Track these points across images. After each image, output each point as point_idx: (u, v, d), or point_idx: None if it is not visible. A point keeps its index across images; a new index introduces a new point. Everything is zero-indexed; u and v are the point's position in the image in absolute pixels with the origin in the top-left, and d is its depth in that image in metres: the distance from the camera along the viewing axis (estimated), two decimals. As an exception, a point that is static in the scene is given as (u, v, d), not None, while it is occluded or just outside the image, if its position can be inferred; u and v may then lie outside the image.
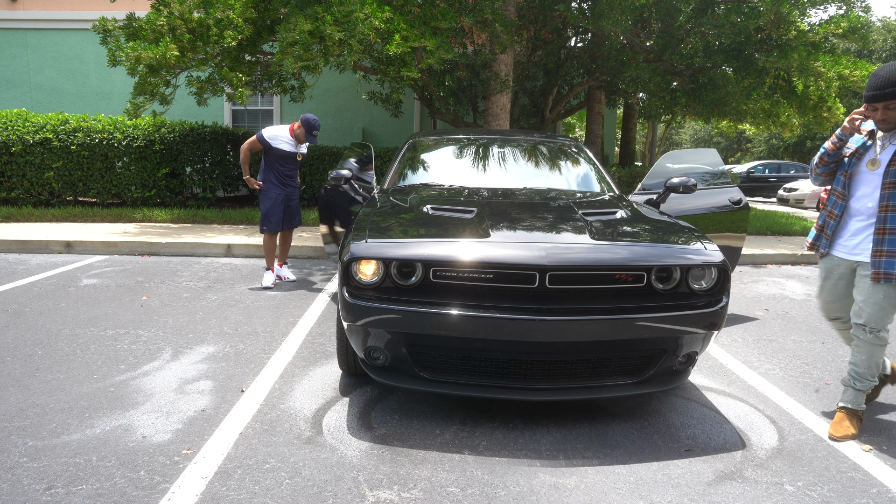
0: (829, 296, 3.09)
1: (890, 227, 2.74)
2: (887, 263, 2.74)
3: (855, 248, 2.89)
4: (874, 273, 2.76)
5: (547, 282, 2.71)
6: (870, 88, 2.70)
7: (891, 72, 2.66)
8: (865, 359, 2.88)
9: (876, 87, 2.67)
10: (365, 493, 2.32)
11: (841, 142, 2.91)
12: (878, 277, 2.75)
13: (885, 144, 2.79)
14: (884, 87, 2.66)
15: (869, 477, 2.56)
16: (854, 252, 2.90)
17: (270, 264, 5.75)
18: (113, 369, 3.52)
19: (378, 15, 7.04)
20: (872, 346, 2.86)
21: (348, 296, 2.81)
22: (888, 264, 2.74)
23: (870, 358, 2.88)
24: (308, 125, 5.41)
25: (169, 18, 7.80)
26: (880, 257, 2.76)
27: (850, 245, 2.92)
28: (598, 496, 2.35)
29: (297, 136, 5.54)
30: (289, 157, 5.57)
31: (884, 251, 2.75)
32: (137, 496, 2.26)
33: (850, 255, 2.92)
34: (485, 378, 2.86)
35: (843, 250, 2.96)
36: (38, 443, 2.63)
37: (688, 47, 9.94)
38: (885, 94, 2.66)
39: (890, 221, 2.74)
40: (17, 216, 8.81)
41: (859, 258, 2.87)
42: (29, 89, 12.89)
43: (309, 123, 5.41)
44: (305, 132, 5.45)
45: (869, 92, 2.71)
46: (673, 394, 3.38)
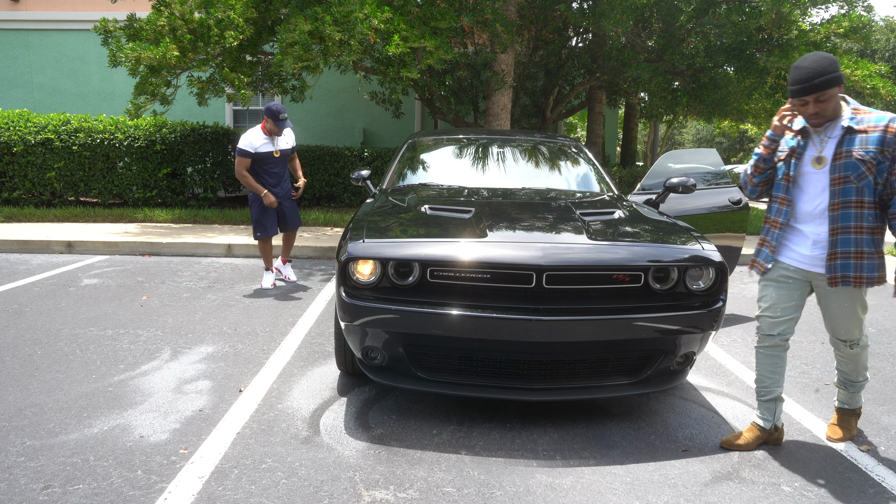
0: (778, 309, 2.68)
1: (842, 227, 2.51)
2: (843, 266, 2.52)
3: (815, 261, 2.59)
4: (830, 278, 2.53)
5: (544, 282, 2.71)
6: (796, 82, 2.44)
7: (816, 61, 2.42)
8: (853, 367, 2.77)
9: (803, 79, 2.42)
10: (361, 493, 2.32)
11: (773, 143, 2.66)
12: (836, 281, 2.52)
13: (825, 140, 2.55)
14: (811, 77, 2.40)
15: (867, 477, 2.55)
16: (814, 264, 2.59)
17: (269, 264, 5.66)
18: (112, 369, 3.52)
19: (377, 15, 7.04)
20: (857, 354, 2.72)
21: (345, 296, 2.81)
22: (843, 266, 2.52)
23: (857, 364, 2.76)
24: (270, 112, 5.10)
25: (170, 19, 7.81)
26: (835, 260, 2.53)
27: (805, 255, 2.61)
28: (594, 496, 2.35)
29: (271, 131, 5.25)
30: (266, 157, 5.28)
31: (838, 253, 2.52)
32: (134, 496, 2.27)
33: (809, 265, 2.61)
34: (482, 378, 2.86)
35: (796, 259, 2.64)
36: (35, 442, 2.64)
37: (689, 47, 9.92)
38: (814, 86, 2.40)
39: (842, 220, 2.51)
40: (18, 216, 8.84)
41: (818, 270, 2.59)
42: (31, 90, 12.91)
43: (270, 110, 5.09)
44: (273, 122, 5.15)
45: (796, 86, 2.45)
46: (671, 394, 3.38)
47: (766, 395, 2.77)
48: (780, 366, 2.74)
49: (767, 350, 2.74)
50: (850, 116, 2.50)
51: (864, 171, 2.45)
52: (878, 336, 4.61)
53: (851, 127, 2.48)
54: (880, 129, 2.44)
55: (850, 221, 2.50)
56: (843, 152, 2.48)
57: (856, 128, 2.47)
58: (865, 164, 2.44)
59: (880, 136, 2.44)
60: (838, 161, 2.48)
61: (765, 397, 2.77)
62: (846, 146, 2.48)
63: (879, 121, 2.46)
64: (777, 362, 2.73)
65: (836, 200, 2.50)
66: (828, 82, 2.40)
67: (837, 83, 2.42)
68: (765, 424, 2.78)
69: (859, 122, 2.48)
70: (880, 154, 2.44)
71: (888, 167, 2.46)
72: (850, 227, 2.51)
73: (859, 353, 2.72)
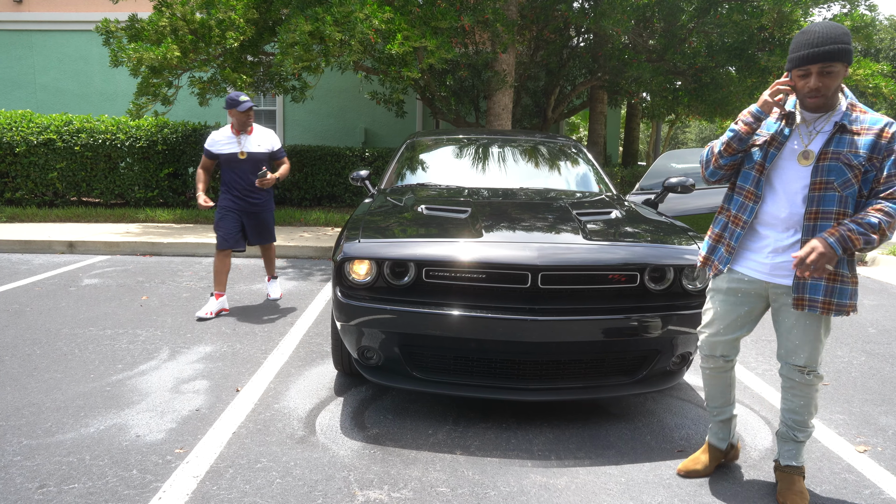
0: (721, 325, 2.38)
1: None
2: (812, 287, 2.15)
3: (776, 270, 2.23)
4: (797, 298, 2.16)
5: (539, 282, 2.71)
6: (802, 46, 2.07)
7: (829, 27, 2.05)
8: (805, 403, 2.30)
9: (811, 42, 2.04)
10: (355, 493, 2.33)
11: (756, 122, 2.22)
12: (802, 304, 2.16)
13: (813, 132, 2.17)
14: (822, 42, 2.02)
15: (862, 478, 2.54)
16: (774, 274, 2.24)
17: (217, 287, 4.63)
18: (110, 369, 3.53)
19: (378, 15, 7.05)
20: (810, 388, 2.28)
21: (341, 295, 2.82)
22: (813, 288, 2.15)
23: (810, 401, 2.30)
24: (228, 103, 4.44)
25: (171, 19, 7.83)
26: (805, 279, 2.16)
27: (763, 263, 2.26)
28: (588, 496, 2.35)
29: (240, 126, 4.53)
30: (230, 158, 4.54)
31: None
32: (129, 495, 2.27)
33: (767, 276, 2.25)
34: (478, 378, 2.86)
35: (753, 268, 2.29)
36: (32, 441, 2.65)
37: (690, 47, 9.90)
38: (823, 53, 2.02)
39: (819, 233, 2.12)
40: (21, 216, 8.87)
41: (778, 281, 2.23)
42: (34, 90, 12.96)
43: (227, 100, 4.44)
44: (235, 111, 4.44)
45: (801, 51, 2.07)
46: (668, 394, 3.37)
47: (718, 415, 2.54)
48: (730, 384, 2.50)
49: (713, 371, 2.48)
50: (845, 112, 2.14)
51: (851, 179, 2.10)
52: (878, 336, 4.59)
53: (845, 125, 2.12)
54: (874, 133, 2.10)
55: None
56: (830, 152, 2.12)
57: (849, 126, 2.12)
58: (853, 171, 2.10)
59: (872, 141, 2.09)
60: (823, 162, 2.12)
61: (718, 417, 2.54)
62: (835, 146, 2.12)
63: (875, 123, 2.12)
64: (726, 381, 2.49)
65: (815, 209, 2.13)
66: (838, 53, 2.03)
67: (847, 58, 2.04)
68: (720, 445, 2.55)
69: (854, 122, 2.13)
70: (868, 161, 2.10)
71: (873, 177, 2.11)
72: None
73: (814, 382, 2.27)
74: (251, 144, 4.56)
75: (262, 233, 4.81)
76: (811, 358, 2.25)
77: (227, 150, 4.54)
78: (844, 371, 3.83)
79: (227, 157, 4.55)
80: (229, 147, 4.55)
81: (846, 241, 2.05)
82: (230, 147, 4.55)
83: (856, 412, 3.21)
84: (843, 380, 3.68)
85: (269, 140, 4.68)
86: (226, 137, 4.55)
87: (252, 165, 4.55)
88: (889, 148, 2.10)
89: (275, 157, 4.73)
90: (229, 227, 4.58)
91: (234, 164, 4.54)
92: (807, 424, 2.33)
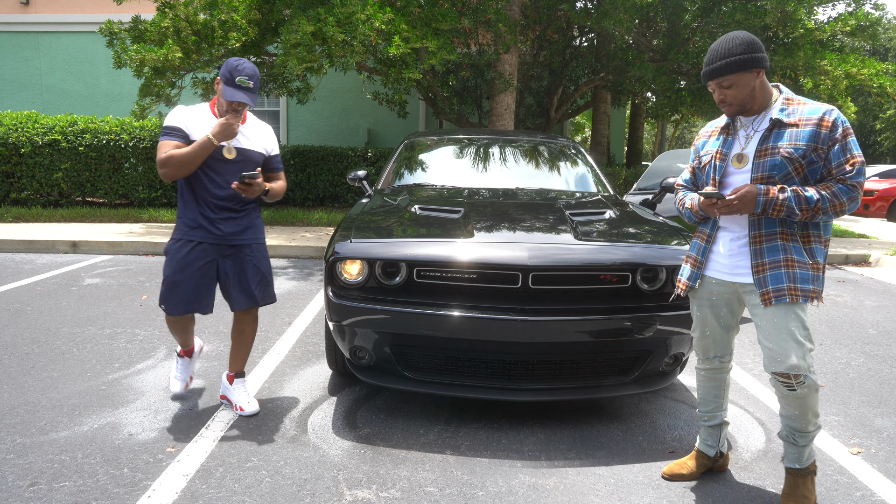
0: (707, 331, 2.41)
1: (767, 233, 2.15)
2: (773, 278, 2.13)
3: (735, 269, 2.25)
4: (762, 294, 2.13)
5: (530, 282, 2.71)
6: (703, 64, 2.20)
7: (723, 42, 2.13)
8: (800, 413, 2.19)
9: (706, 62, 2.18)
10: (343, 493, 2.33)
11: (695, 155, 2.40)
12: (768, 298, 2.12)
13: (750, 134, 2.20)
14: (710, 61, 2.15)
15: (854, 480, 2.53)
16: (735, 272, 2.25)
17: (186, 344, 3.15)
18: (107, 368, 3.56)
19: (379, 16, 7.06)
20: (804, 396, 2.16)
21: (333, 295, 2.83)
22: (774, 278, 2.12)
23: (806, 409, 2.18)
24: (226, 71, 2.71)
25: (174, 20, 7.88)
26: (763, 272, 2.14)
27: (727, 264, 2.28)
28: (576, 497, 2.34)
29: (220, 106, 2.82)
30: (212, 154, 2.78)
31: (765, 264, 2.15)
32: (118, 493, 2.29)
33: (731, 275, 2.27)
34: (469, 378, 2.86)
35: (718, 269, 2.31)
36: (26, 440, 2.67)
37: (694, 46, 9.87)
38: (710, 72, 2.16)
39: (766, 226, 2.15)
40: (26, 216, 8.94)
41: (741, 279, 2.24)
42: (40, 91, 13.07)
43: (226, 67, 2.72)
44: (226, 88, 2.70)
45: (702, 69, 2.21)
46: (662, 395, 3.36)
47: (709, 419, 2.51)
48: (723, 389, 2.49)
49: (708, 373, 2.48)
50: (780, 108, 2.16)
51: (791, 172, 2.10)
52: (879, 337, 4.56)
53: (780, 119, 2.13)
54: (813, 123, 2.09)
55: (776, 227, 2.15)
56: (767, 149, 2.13)
57: (785, 120, 2.13)
58: (793, 164, 2.09)
59: (813, 131, 2.08)
60: (761, 159, 2.14)
61: (708, 422, 2.52)
62: (773, 142, 2.13)
63: (813, 113, 2.10)
64: (720, 385, 2.48)
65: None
66: (727, 67, 2.10)
67: (745, 67, 2.10)
68: (708, 451, 2.52)
69: (791, 115, 2.13)
70: (813, 152, 2.08)
71: (821, 167, 2.10)
72: (775, 233, 2.15)
73: (806, 394, 2.14)
74: (244, 138, 2.88)
75: (254, 284, 2.94)
76: (788, 357, 2.10)
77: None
78: (842, 372, 3.80)
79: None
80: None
81: (770, 204, 2.09)
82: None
83: (851, 413, 3.19)
84: (840, 381, 3.66)
85: (267, 138, 3.00)
86: (203, 120, 2.81)
87: (236, 168, 2.84)
88: (831, 137, 2.08)
89: (270, 165, 3.01)
90: (192, 276, 2.82)
91: (213, 165, 2.80)
92: (805, 430, 2.22)
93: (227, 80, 2.70)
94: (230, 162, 2.84)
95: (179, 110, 2.82)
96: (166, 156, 2.69)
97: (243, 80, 2.70)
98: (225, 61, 2.83)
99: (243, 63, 2.73)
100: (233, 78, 2.70)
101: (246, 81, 2.70)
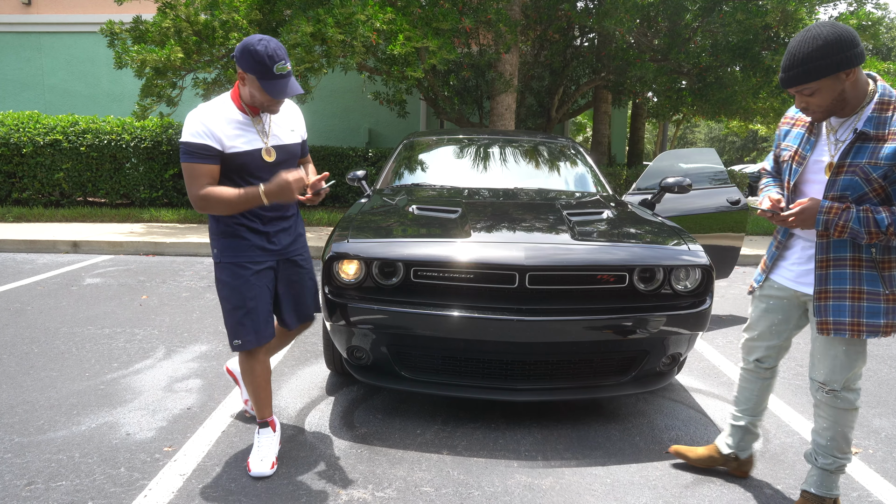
0: (755, 331, 2.33)
1: (835, 258, 1.97)
2: (836, 309, 1.98)
3: (801, 277, 2.13)
4: (820, 323, 2.02)
5: (527, 282, 2.70)
6: (781, 69, 1.93)
7: (800, 44, 1.85)
8: (828, 426, 2.12)
9: (782, 68, 1.91)
10: (339, 492, 2.34)
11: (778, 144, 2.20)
12: (826, 329, 2.00)
13: (837, 142, 1.98)
14: (787, 68, 1.88)
15: (851, 481, 2.52)
16: (800, 281, 2.13)
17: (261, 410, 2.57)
18: (105, 367, 3.57)
19: (380, 16, 7.07)
20: (835, 409, 2.10)
21: (330, 295, 2.83)
22: (837, 310, 1.98)
23: (834, 425, 2.11)
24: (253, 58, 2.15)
25: (175, 21, 7.89)
26: (825, 300, 2.00)
27: (795, 272, 2.16)
28: (572, 497, 2.34)
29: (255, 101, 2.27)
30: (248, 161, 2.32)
31: (829, 292, 1.99)
32: (115, 492, 2.29)
33: (796, 283, 2.15)
34: (466, 378, 2.86)
35: (784, 275, 2.20)
36: (23, 439, 2.68)
37: (695, 46, 9.86)
38: (787, 80, 1.90)
39: (835, 249, 1.97)
40: (28, 216, 8.96)
41: (805, 289, 2.12)
42: (42, 91, 13.10)
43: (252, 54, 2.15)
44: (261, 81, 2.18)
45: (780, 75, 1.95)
46: (660, 395, 3.36)
47: (735, 419, 2.46)
48: (756, 393, 2.39)
49: (745, 373, 2.42)
50: (870, 115, 1.88)
51: (869, 193, 1.88)
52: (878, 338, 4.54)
53: (866, 133, 1.88)
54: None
55: (846, 251, 1.96)
56: (846, 165, 1.91)
57: (872, 132, 1.87)
58: (871, 185, 1.87)
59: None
60: (839, 176, 1.93)
61: (734, 422, 2.47)
62: (853, 157, 1.90)
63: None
64: (755, 388, 2.39)
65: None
66: (805, 75, 1.84)
67: (827, 73, 1.82)
68: (723, 448, 2.48)
69: (880, 125, 1.86)
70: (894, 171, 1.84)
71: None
72: (844, 259, 1.96)
73: (841, 409, 2.08)
74: (282, 131, 2.42)
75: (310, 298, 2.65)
76: (831, 375, 2.06)
77: (244, 147, 2.30)
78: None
79: (243, 159, 2.31)
80: (245, 139, 2.31)
81: (832, 224, 1.90)
82: (247, 138, 2.32)
83: (850, 414, 3.18)
84: (839, 381, 3.65)
85: (299, 121, 2.56)
86: (232, 122, 2.29)
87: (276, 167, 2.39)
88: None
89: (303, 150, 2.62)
90: (260, 300, 2.41)
91: (253, 172, 2.34)
92: (829, 451, 2.12)
93: (263, 72, 2.16)
94: (271, 166, 2.37)
95: (200, 120, 2.23)
96: (204, 193, 2.22)
97: (282, 66, 2.17)
98: (243, 49, 2.16)
99: (270, 44, 2.15)
100: (271, 68, 2.15)
101: (285, 66, 2.18)
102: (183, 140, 2.25)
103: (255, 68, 2.16)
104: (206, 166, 2.24)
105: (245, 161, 2.30)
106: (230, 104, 2.31)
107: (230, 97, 2.33)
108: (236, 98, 2.31)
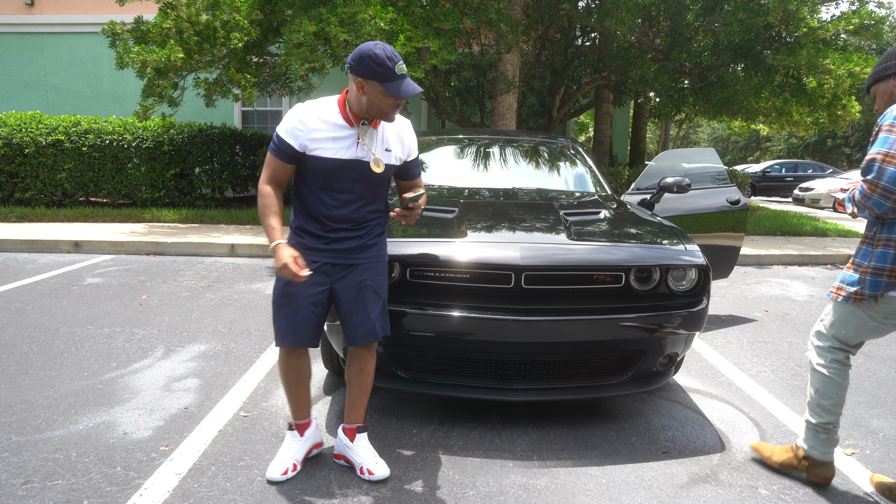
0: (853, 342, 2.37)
1: None
2: None
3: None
4: None
5: (523, 282, 2.70)
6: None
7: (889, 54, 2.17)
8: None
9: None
10: (334, 492, 2.34)
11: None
12: None
13: None
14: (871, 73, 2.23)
15: (847, 481, 2.52)
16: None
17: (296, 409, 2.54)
18: (104, 367, 3.58)
19: (383, 16, 7.07)
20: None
21: (326, 295, 2.83)
22: None
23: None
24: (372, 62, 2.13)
25: (176, 21, 7.91)
26: None
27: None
28: (566, 497, 2.34)
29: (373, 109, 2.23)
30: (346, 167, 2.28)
31: None
32: (110, 491, 2.30)
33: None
34: (462, 378, 2.86)
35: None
36: (21, 438, 2.69)
37: (696, 45, 9.84)
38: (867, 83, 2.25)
39: None
40: (30, 216, 8.99)
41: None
42: (45, 92, 13.14)
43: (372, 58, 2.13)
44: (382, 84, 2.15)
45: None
46: (657, 395, 3.36)
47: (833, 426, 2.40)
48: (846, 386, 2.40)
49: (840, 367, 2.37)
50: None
51: None
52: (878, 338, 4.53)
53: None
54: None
55: None
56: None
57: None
58: None
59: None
60: None
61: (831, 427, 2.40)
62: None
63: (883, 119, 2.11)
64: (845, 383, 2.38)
65: None
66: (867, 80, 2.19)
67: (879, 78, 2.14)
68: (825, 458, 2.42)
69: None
70: None
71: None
72: None
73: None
74: (392, 144, 2.38)
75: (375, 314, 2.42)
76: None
77: (341, 154, 2.27)
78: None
79: (337, 166, 2.28)
80: (343, 146, 2.27)
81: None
82: (346, 146, 2.27)
83: (847, 414, 3.17)
84: (837, 382, 3.64)
85: (410, 136, 2.47)
86: (331, 125, 2.27)
87: (379, 183, 2.38)
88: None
89: (408, 171, 2.52)
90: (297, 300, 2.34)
91: (349, 180, 2.31)
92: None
93: (386, 74, 2.13)
94: (372, 176, 2.33)
95: (298, 116, 2.24)
96: (263, 187, 2.31)
97: (401, 66, 2.16)
98: (360, 57, 2.14)
99: (386, 47, 2.15)
100: (392, 69, 2.13)
101: (403, 66, 2.17)
102: (277, 128, 2.30)
103: (377, 72, 2.14)
104: (279, 162, 2.30)
105: (341, 167, 2.28)
106: (334, 108, 2.30)
107: (336, 101, 2.32)
108: (342, 104, 2.30)
